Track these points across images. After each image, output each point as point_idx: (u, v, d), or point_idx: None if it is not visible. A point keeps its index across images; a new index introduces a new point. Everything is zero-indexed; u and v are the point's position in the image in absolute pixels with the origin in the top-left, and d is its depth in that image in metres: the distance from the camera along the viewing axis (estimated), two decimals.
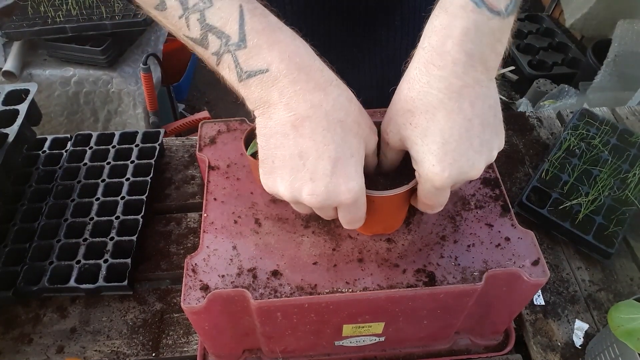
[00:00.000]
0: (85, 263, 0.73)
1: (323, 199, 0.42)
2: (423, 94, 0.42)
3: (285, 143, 0.41)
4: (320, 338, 0.61)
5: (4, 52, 1.57)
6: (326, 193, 0.41)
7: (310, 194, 0.42)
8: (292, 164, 0.41)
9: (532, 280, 0.52)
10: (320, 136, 0.40)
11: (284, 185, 0.42)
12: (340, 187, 0.41)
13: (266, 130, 0.42)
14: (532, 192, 0.83)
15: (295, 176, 0.42)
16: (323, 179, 0.41)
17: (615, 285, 0.76)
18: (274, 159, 0.42)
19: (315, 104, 0.40)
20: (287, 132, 0.41)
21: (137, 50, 1.68)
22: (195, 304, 0.50)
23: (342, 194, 0.42)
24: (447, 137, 0.41)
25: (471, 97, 0.41)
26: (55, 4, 1.57)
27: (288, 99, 0.40)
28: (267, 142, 0.42)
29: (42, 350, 0.69)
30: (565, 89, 2.15)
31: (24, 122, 0.76)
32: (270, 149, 0.42)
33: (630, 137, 0.92)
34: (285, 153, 0.41)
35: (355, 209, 0.44)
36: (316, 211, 0.46)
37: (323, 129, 0.40)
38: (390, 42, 0.80)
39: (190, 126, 1.76)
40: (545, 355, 0.68)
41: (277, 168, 0.42)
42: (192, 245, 0.80)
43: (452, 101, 0.41)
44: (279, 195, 0.44)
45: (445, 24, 0.41)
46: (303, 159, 0.41)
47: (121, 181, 0.83)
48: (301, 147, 0.41)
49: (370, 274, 0.53)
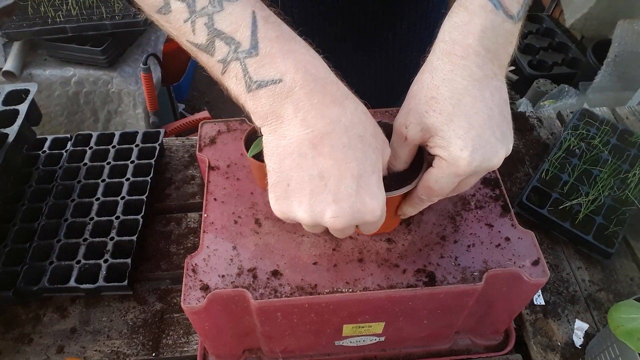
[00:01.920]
0: (85, 263, 0.73)
1: (348, 220, 0.39)
2: (448, 81, 0.42)
3: (303, 164, 0.38)
4: (320, 338, 0.61)
5: (4, 52, 1.57)
6: (351, 214, 0.39)
7: (334, 217, 0.39)
8: (312, 185, 0.38)
9: (532, 280, 0.52)
10: (341, 154, 0.38)
11: (303, 210, 0.39)
12: (367, 206, 0.39)
13: (279, 150, 0.39)
14: (532, 192, 0.83)
15: (316, 199, 0.39)
16: (348, 200, 0.38)
17: (615, 285, 0.76)
18: (289, 182, 0.39)
19: (334, 119, 0.38)
20: (305, 151, 0.38)
21: (137, 50, 1.68)
22: (195, 304, 0.50)
23: (368, 214, 0.39)
24: (472, 123, 0.41)
25: (491, 87, 0.42)
26: (55, 4, 1.57)
27: (305, 114, 0.38)
28: (280, 164, 0.39)
29: (42, 350, 0.69)
30: (565, 89, 2.15)
31: (24, 122, 0.76)
32: (285, 171, 0.39)
33: (630, 137, 0.92)
34: (303, 174, 0.38)
35: (375, 227, 0.43)
36: (334, 233, 0.43)
37: (344, 145, 0.38)
38: (396, 47, 0.80)
39: (190, 126, 1.76)
40: (545, 355, 0.68)
41: (294, 191, 0.39)
42: (192, 245, 0.80)
43: (475, 89, 0.41)
44: (295, 220, 0.41)
45: (466, 20, 0.42)
46: (324, 180, 0.38)
47: (121, 181, 0.83)
48: (321, 167, 0.38)
49: (371, 274, 0.53)
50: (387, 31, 0.77)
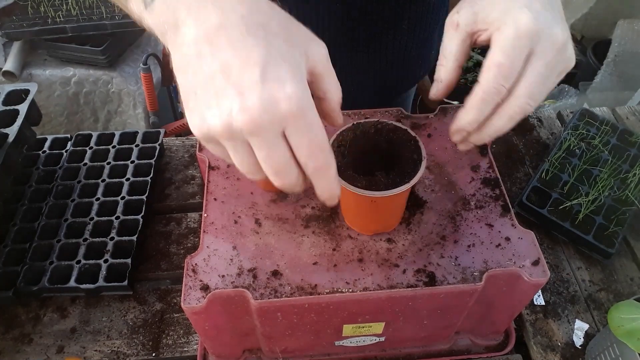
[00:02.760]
0: (85, 263, 0.73)
1: (259, 114, 0.33)
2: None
3: (203, 63, 0.35)
4: (321, 338, 0.61)
5: (4, 52, 1.57)
6: (260, 104, 0.33)
7: (242, 110, 0.33)
8: (215, 84, 0.34)
9: (532, 280, 0.52)
10: (240, 43, 0.34)
11: (212, 114, 0.34)
12: (277, 93, 0.33)
13: (183, 60, 0.36)
14: (532, 192, 0.83)
15: (220, 97, 0.34)
16: (254, 88, 0.33)
17: (615, 285, 0.76)
18: (196, 90, 0.35)
19: (227, 9, 0.35)
20: (203, 50, 0.35)
21: (137, 50, 1.68)
22: (195, 304, 0.50)
23: (281, 102, 0.34)
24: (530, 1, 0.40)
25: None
26: (55, 4, 1.57)
27: (197, 10, 0.35)
28: (185, 75, 0.36)
29: (42, 350, 0.69)
30: (565, 89, 2.15)
31: (24, 122, 0.76)
32: (190, 80, 0.36)
33: (630, 137, 0.92)
34: (205, 75, 0.35)
35: (307, 129, 0.35)
36: (261, 147, 0.36)
37: (242, 34, 0.34)
38: (396, 47, 0.80)
39: None
40: (545, 355, 0.68)
41: (201, 98, 0.35)
42: (192, 245, 0.80)
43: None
44: (211, 134, 0.36)
45: None
46: (226, 73, 0.34)
47: (121, 181, 0.83)
48: (221, 61, 0.34)
49: (371, 274, 0.53)
50: (387, 32, 0.76)
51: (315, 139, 0.36)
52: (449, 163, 0.64)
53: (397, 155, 0.54)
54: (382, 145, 0.55)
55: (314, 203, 0.59)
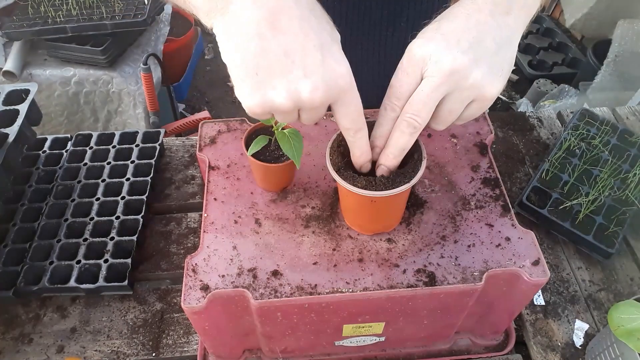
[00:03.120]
0: (85, 263, 0.73)
1: (324, 92, 0.39)
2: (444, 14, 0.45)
3: (266, 46, 0.37)
4: (321, 338, 0.61)
5: (4, 52, 1.57)
6: (325, 84, 0.39)
7: (311, 90, 0.38)
8: (280, 67, 0.38)
9: (532, 280, 0.52)
10: (298, 27, 0.38)
11: (278, 94, 0.39)
12: (336, 72, 0.39)
13: (237, 39, 0.38)
14: (532, 192, 0.83)
15: (288, 78, 0.38)
16: (317, 71, 0.38)
17: (615, 285, 0.76)
18: (257, 70, 0.38)
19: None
20: (265, 32, 0.37)
21: (137, 50, 1.68)
22: (195, 304, 0.50)
23: (339, 80, 0.39)
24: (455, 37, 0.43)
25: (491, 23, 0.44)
26: (55, 4, 1.57)
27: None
28: (243, 55, 0.38)
29: (42, 350, 0.69)
30: (565, 89, 2.15)
31: (24, 122, 0.76)
32: (249, 60, 0.38)
33: (630, 137, 0.92)
34: (269, 57, 0.38)
35: (355, 99, 0.42)
36: (309, 115, 0.42)
37: (299, 19, 0.38)
38: (394, 43, 0.80)
39: (190, 126, 1.76)
40: (546, 355, 0.68)
41: (265, 78, 0.38)
42: (192, 245, 0.80)
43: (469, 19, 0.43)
44: (273, 109, 0.40)
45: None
46: (290, 57, 0.38)
47: (121, 181, 0.83)
48: (284, 45, 0.37)
49: (371, 274, 0.53)
50: (386, 29, 0.77)
51: (358, 105, 0.43)
52: (449, 163, 0.64)
53: None
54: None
55: (314, 203, 0.59)
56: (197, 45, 2.49)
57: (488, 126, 0.68)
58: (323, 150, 0.53)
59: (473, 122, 0.68)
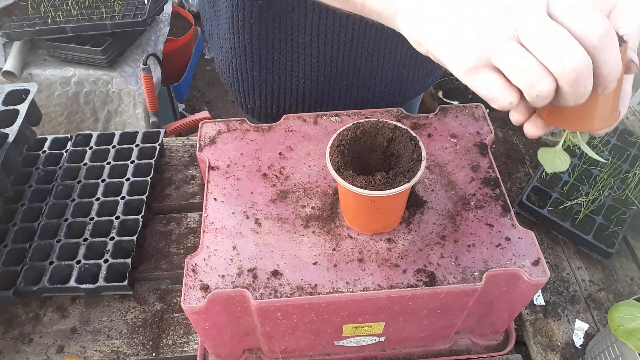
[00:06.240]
0: (85, 263, 0.73)
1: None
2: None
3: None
4: (321, 338, 0.61)
5: (4, 52, 1.57)
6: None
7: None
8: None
9: (532, 280, 0.52)
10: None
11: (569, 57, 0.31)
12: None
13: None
14: (532, 192, 0.83)
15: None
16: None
17: (615, 285, 0.76)
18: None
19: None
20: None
21: (137, 50, 1.67)
22: (195, 304, 0.50)
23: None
24: None
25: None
26: (55, 4, 1.57)
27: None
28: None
29: (42, 350, 0.69)
30: None
31: (24, 122, 0.76)
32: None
33: (630, 137, 0.92)
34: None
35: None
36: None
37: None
38: (396, 63, 0.79)
39: (190, 126, 1.76)
40: (545, 355, 0.68)
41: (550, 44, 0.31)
42: (192, 245, 0.80)
43: None
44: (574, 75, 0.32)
45: None
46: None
47: (121, 181, 0.83)
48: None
49: (371, 274, 0.53)
50: (383, 54, 0.76)
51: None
52: (449, 163, 0.64)
53: (397, 155, 0.54)
54: (382, 145, 0.55)
55: (314, 203, 0.59)
56: (197, 45, 2.49)
57: (488, 126, 0.68)
58: (323, 150, 0.53)
59: (473, 122, 0.68)
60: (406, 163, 0.51)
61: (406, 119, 0.69)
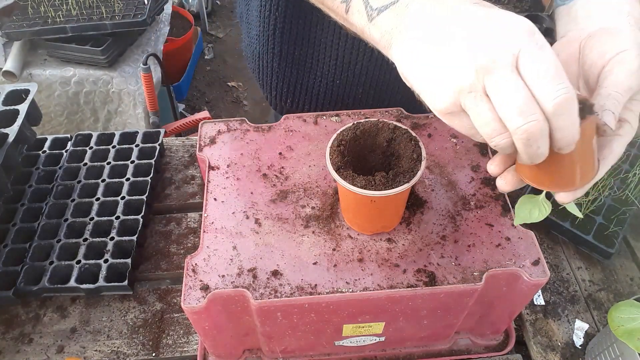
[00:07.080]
0: (85, 263, 0.73)
1: None
2: None
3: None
4: (321, 338, 0.61)
5: (4, 52, 1.57)
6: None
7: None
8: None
9: (532, 280, 0.52)
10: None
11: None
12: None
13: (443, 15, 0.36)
14: (532, 191, 0.83)
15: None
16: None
17: (615, 285, 0.76)
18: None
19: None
20: (472, 9, 0.36)
21: (137, 50, 1.67)
22: (195, 304, 0.50)
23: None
24: None
25: None
26: (55, 4, 1.57)
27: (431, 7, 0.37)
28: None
29: (42, 350, 0.69)
30: None
31: (24, 122, 0.76)
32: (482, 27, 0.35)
33: None
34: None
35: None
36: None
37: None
38: (404, 99, 0.80)
39: (190, 126, 1.76)
40: (545, 355, 0.68)
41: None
42: (192, 245, 0.80)
43: None
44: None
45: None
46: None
47: (121, 181, 0.83)
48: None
49: (371, 274, 0.53)
50: (393, 88, 0.78)
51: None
52: (449, 163, 0.64)
53: (397, 155, 0.54)
54: (382, 145, 0.55)
55: (314, 203, 0.59)
56: (197, 45, 2.49)
57: None
58: (323, 150, 0.53)
59: None
60: (406, 163, 0.51)
61: (406, 119, 0.69)
